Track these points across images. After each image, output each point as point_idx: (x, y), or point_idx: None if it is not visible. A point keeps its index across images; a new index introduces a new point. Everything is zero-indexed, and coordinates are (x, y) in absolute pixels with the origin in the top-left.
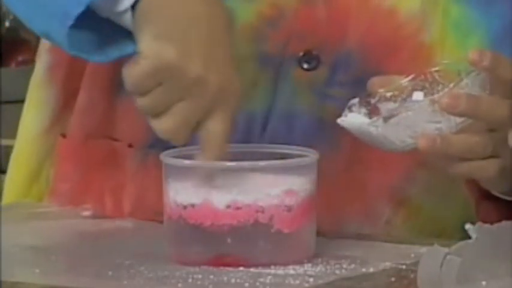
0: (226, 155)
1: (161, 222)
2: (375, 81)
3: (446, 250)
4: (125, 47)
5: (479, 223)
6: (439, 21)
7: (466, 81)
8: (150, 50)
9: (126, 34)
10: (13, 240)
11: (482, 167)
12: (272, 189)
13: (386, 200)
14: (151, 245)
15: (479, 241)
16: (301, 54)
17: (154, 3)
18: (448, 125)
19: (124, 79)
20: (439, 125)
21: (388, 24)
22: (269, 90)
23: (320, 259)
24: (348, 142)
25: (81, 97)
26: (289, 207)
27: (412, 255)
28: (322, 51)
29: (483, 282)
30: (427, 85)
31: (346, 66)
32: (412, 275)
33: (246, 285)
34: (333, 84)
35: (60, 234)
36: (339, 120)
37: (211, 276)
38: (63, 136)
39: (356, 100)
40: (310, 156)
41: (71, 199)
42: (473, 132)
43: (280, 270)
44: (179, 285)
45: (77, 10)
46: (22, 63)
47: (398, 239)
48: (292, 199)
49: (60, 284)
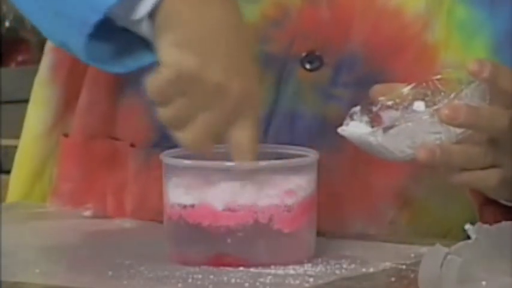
0: (227, 155)
1: (162, 222)
2: (377, 89)
3: (447, 250)
4: (142, 57)
5: (479, 223)
6: (443, 21)
7: (466, 91)
8: (170, 58)
9: (143, 44)
10: (13, 240)
11: (483, 177)
12: (272, 189)
13: (391, 200)
14: (151, 245)
15: (480, 241)
16: (305, 54)
17: (173, 11)
18: (448, 135)
19: (146, 89)
20: (438, 136)
21: (393, 25)
22: (272, 90)
23: (320, 259)
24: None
25: (83, 96)
26: (289, 207)
27: (412, 255)
28: (326, 52)
29: (483, 282)
30: (429, 93)
31: (349, 66)
32: (412, 275)
33: (246, 285)
34: (337, 84)
35: (60, 234)
36: (340, 130)
37: (211, 276)
38: (66, 135)
39: (358, 108)
40: (310, 156)
41: (73, 198)
42: (473, 143)
43: (280, 270)
44: (179, 285)
45: (95, 18)
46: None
47: (399, 239)
48: (292, 199)
49: (60, 284)
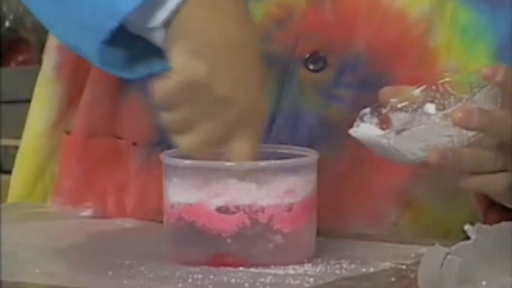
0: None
1: (162, 221)
2: (385, 91)
3: (447, 250)
4: (153, 65)
5: (479, 223)
6: (446, 25)
7: (478, 95)
8: (181, 65)
9: (154, 51)
10: (13, 240)
11: (492, 181)
12: (272, 189)
13: (393, 201)
14: (151, 245)
15: (479, 241)
16: (308, 55)
17: (188, 19)
18: (460, 138)
19: (153, 92)
20: (451, 139)
21: (397, 27)
22: (275, 90)
23: (320, 259)
24: (354, 143)
25: (86, 94)
26: (289, 207)
27: (412, 255)
28: (330, 53)
29: (483, 282)
30: (438, 96)
31: (353, 68)
32: (412, 275)
33: (246, 285)
34: (340, 85)
35: (60, 234)
36: (351, 131)
37: (211, 276)
38: (68, 133)
39: (367, 110)
40: (311, 156)
41: (73, 196)
42: (484, 147)
43: (280, 270)
44: (179, 285)
45: (111, 25)
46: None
47: (399, 239)
48: (292, 199)
49: (60, 284)
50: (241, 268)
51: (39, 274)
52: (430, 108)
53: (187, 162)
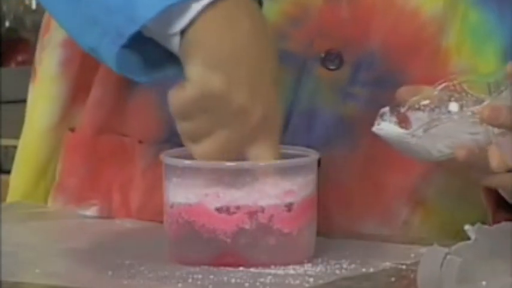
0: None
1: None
2: (403, 91)
3: (446, 250)
4: (167, 70)
5: (479, 224)
6: (457, 25)
7: (505, 93)
8: (197, 76)
9: (168, 56)
10: (13, 240)
11: None
12: (272, 189)
13: (404, 200)
14: (151, 245)
15: (479, 241)
16: (325, 53)
17: (204, 30)
18: (486, 136)
19: (169, 102)
20: (477, 136)
21: (411, 25)
22: (291, 89)
23: (320, 259)
24: (367, 142)
25: (94, 92)
26: (289, 207)
27: (412, 255)
28: (346, 51)
29: (483, 282)
30: (456, 95)
31: (368, 65)
32: (412, 275)
33: (246, 285)
34: (355, 83)
35: (60, 234)
36: (375, 129)
37: (211, 276)
38: (72, 130)
39: (387, 109)
40: (311, 156)
41: (77, 194)
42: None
43: (280, 270)
44: (179, 285)
45: (131, 30)
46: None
47: (399, 238)
48: (292, 199)
49: (60, 284)
50: (241, 268)
51: (39, 274)
52: (453, 106)
53: (187, 162)
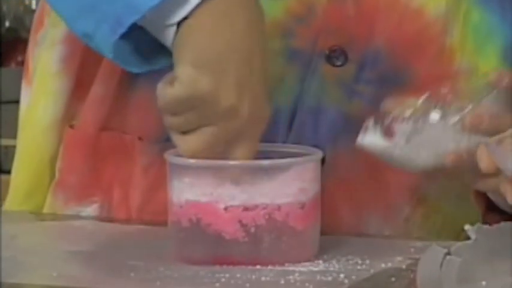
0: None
1: (167, 218)
2: (388, 104)
3: (446, 250)
4: (158, 62)
5: (479, 224)
6: (460, 25)
7: (485, 100)
8: (186, 76)
9: (158, 48)
10: (13, 241)
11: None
12: (288, 187)
13: (406, 198)
14: (152, 245)
15: (479, 241)
16: (330, 50)
17: (198, 25)
18: (469, 143)
19: (157, 97)
20: (460, 144)
21: (415, 24)
22: (296, 86)
23: (321, 258)
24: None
25: (95, 88)
26: (303, 205)
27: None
28: (351, 48)
29: (483, 282)
30: (440, 104)
31: (373, 63)
32: (412, 275)
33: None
34: (360, 80)
35: (60, 234)
36: (359, 140)
37: (217, 275)
38: (71, 127)
39: (371, 121)
40: (316, 154)
41: (78, 191)
42: None
43: (282, 268)
44: (180, 285)
45: (132, 19)
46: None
47: (399, 238)
48: (304, 197)
49: (60, 284)
50: (258, 266)
51: (39, 275)
52: (435, 115)
53: (192, 161)
